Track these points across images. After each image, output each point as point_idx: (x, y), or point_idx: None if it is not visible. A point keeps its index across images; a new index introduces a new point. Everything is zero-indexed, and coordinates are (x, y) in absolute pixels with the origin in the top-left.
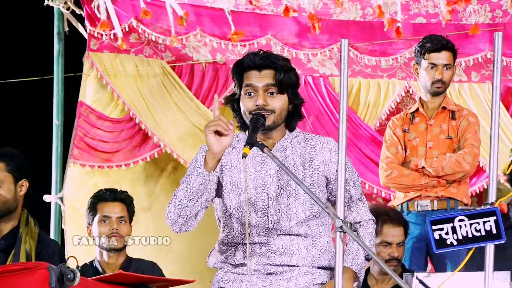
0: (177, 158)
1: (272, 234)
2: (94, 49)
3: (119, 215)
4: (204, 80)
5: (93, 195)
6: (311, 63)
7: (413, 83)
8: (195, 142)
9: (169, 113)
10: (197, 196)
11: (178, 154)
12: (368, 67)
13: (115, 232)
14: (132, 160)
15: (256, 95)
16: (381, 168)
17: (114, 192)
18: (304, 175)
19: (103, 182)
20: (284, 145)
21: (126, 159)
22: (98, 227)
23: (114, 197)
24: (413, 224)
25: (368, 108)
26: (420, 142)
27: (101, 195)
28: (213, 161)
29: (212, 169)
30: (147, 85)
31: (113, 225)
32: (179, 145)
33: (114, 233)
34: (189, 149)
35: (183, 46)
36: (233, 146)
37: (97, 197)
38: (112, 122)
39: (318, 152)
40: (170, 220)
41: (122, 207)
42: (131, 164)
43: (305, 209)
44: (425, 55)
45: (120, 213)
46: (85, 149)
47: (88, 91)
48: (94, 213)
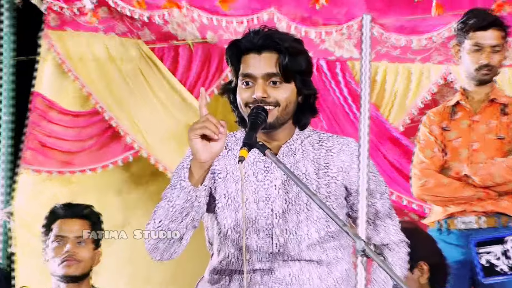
0: (155, 164)
1: (277, 260)
2: (53, 27)
3: (77, 234)
4: (191, 65)
5: (49, 211)
6: (324, 44)
7: (453, 68)
8: (180, 144)
9: (147, 107)
10: (182, 216)
11: (157, 159)
12: (397, 49)
13: (69, 255)
14: (100, 164)
15: (254, 85)
16: (414, 176)
17: (73, 207)
18: (318, 185)
19: (64, 193)
20: (292, 148)
21: (92, 162)
22: (52, 250)
23: (73, 213)
24: (454, 246)
25: (395, 100)
26: (463, 143)
27: (57, 210)
28: (200, 172)
29: (199, 182)
30: (120, 72)
31: (69, 246)
32: (159, 148)
33: (68, 256)
34: (172, 153)
35: (165, 22)
36: (228, 149)
37: (52, 214)
38: (73, 116)
39: (336, 156)
40: (149, 246)
41: (83, 224)
42: (98, 169)
43: (319, 228)
44: (469, 33)
45: (79, 232)
46: (41, 150)
47: (45, 79)
48: (49, 234)
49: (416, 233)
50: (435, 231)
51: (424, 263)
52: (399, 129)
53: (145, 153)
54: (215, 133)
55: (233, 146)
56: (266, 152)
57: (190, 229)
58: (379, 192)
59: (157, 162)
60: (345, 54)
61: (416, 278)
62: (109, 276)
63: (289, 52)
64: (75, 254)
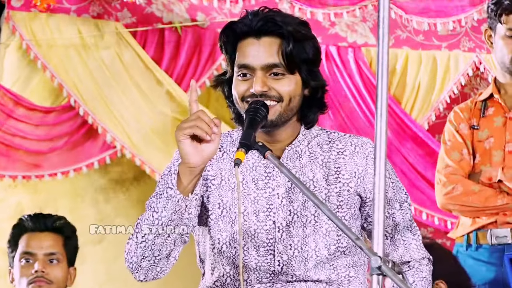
0: (141, 165)
1: (280, 281)
2: (16, 7)
3: (48, 251)
4: (179, 53)
5: (15, 224)
6: (335, 28)
7: (485, 57)
8: (167, 143)
9: (128, 100)
10: (169, 229)
11: (143, 159)
12: (419, 34)
13: (40, 276)
14: (73, 166)
15: (252, 76)
16: (439, 183)
17: (44, 218)
18: (328, 193)
19: (30, 201)
20: (298, 150)
21: (63, 164)
22: (19, 269)
23: (43, 225)
24: (485, 263)
25: (418, 93)
26: (496, 144)
27: (24, 223)
28: (190, 179)
29: (189, 191)
30: (96, 59)
31: (38, 265)
32: (143, 147)
33: (37, 277)
34: (158, 153)
35: (148, 2)
36: (223, 151)
37: (19, 227)
38: (42, 112)
39: (349, 160)
40: (131, 264)
41: (55, 239)
42: (70, 173)
43: (329, 243)
44: (502, 17)
45: (50, 248)
46: (3, 151)
47: (8, 68)
48: (15, 250)
49: (434, 248)
50: (463, 246)
51: (441, 281)
52: (424, 126)
53: (128, 153)
54: (208, 133)
55: (229, 148)
56: (266, 154)
57: (179, 244)
58: (398, 202)
59: (143, 163)
60: (359, 39)
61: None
62: None
63: (293, 37)
64: (46, 274)
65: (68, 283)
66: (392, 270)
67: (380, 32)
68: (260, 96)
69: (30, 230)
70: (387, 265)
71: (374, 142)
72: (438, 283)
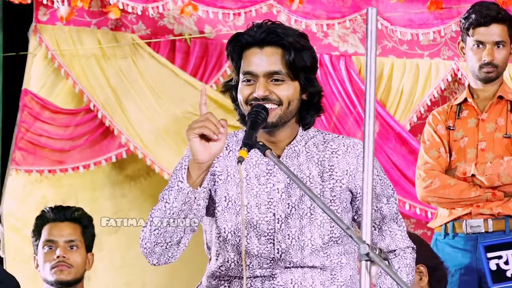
0: (151, 165)
1: (278, 266)
2: (43, 21)
3: (68, 238)
4: (188, 61)
5: (38, 215)
6: (328, 38)
7: (462, 64)
8: (178, 143)
9: (143, 104)
10: (179, 218)
11: (153, 160)
12: (404, 43)
13: (61, 260)
14: (93, 160)
15: (256, 82)
16: (418, 177)
17: (64, 210)
18: (322, 188)
19: (54, 194)
20: (296, 150)
21: (84, 159)
22: (42, 256)
23: (63, 216)
24: (461, 250)
25: (402, 97)
26: (470, 142)
27: (46, 214)
28: (199, 173)
29: (197, 184)
30: (114, 68)
31: (59, 251)
32: (155, 147)
33: (59, 262)
34: (170, 152)
35: (161, 16)
36: (229, 149)
37: (42, 218)
38: (65, 114)
39: (341, 158)
40: (146, 249)
41: (74, 228)
42: (91, 166)
43: (323, 233)
44: (470, 30)
45: (70, 236)
46: (31, 149)
47: (35, 76)
48: (38, 239)
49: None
50: (441, 235)
51: (421, 265)
52: (406, 127)
53: (140, 154)
54: (215, 133)
55: (235, 146)
56: (266, 152)
57: (188, 232)
58: (386, 196)
59: (153, 163)
60: (349, 49)
61: (416, 281)
62: (102, 282)
63: (293, 47)
64: (67, 259)
65: (86, 267)
66: (379, 257)
67: (368, 42)
68: (262, 100)
69: (52, 220)
70: (374, 252)
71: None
72: (418, 267)
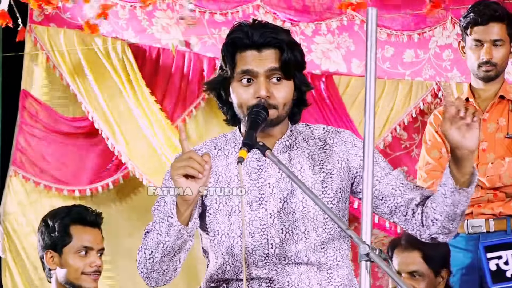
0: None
1: (273, 264)
2: (37, 21)
3: (101, 246)
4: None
5: (65, 212)
6: (311, 55)
7: (444, 84)
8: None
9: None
10: (174, 251)
11: (149, 179)
12: (386, 61)
13: (97, 269)
14: (100, 183)
15: (255, 82)
16: (420, 178)
17: (95, 214)
18: (313, 181)
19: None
20: (287, 144)
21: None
22: (73, 258)
23: (94, 221)
24: (462, 250)
25: (376, 116)
26: None
27: (79, 213)
28: (189, 210)
29: (187, 220)
30: (106, 70)
31: (96, 260)
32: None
33: (95, 271)
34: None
35: (150, 23)
36: (218, 148)
37: (70, 216)
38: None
39: (329, 152)
40: (143, 274)
41: (101, 235)
42: (99, 189)
43: (317, 225)
44: (468, 29)
45: (102, 244)
46: (30, 155)
47: (32, 77)
48: (66, 239)
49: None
50: None
51: (446, 271)
52: (380, 146)
53: (138, 174)
54: (200, 172)
55: (223, 145)
56: (266, 153)
57: (183, 258)
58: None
59: (149, 182)
60: (331, 67)
61: (437, 283)
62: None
63: (288, 46)
64: (100, 267)
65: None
66: (379, 257)
67: (369, 42)
68: (264, 100)
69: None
70: (374, 252)
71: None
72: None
